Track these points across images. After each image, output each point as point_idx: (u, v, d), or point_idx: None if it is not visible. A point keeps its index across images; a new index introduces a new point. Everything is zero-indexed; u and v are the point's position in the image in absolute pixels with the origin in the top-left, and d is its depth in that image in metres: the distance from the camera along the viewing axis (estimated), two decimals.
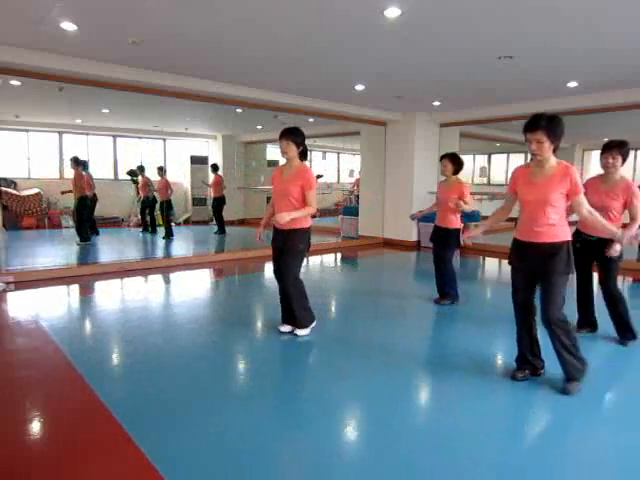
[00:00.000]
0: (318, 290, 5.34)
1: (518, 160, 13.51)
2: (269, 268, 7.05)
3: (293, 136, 3.57)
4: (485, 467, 2.05)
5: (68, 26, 4.22)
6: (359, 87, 6.72)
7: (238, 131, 12.62)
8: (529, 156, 2.85)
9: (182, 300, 4.95)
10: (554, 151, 2.71)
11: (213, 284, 6.08)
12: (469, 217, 9.20)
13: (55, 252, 7.79)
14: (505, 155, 14.48)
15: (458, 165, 4.63)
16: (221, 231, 10.29)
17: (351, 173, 14.46)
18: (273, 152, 13.50)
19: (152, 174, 9.86)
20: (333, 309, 4.85)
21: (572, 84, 6.31)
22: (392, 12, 3.80)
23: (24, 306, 4.62)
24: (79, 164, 8.19)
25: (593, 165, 11.37)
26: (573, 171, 2.68)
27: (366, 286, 6.00)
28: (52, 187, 10.36)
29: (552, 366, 2.89)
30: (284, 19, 4.04)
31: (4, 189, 9.69)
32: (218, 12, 3.89)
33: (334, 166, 15.08)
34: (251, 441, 2.24)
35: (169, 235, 9.42)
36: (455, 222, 4.63)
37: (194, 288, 5.64)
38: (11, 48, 4.82)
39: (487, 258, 8.05)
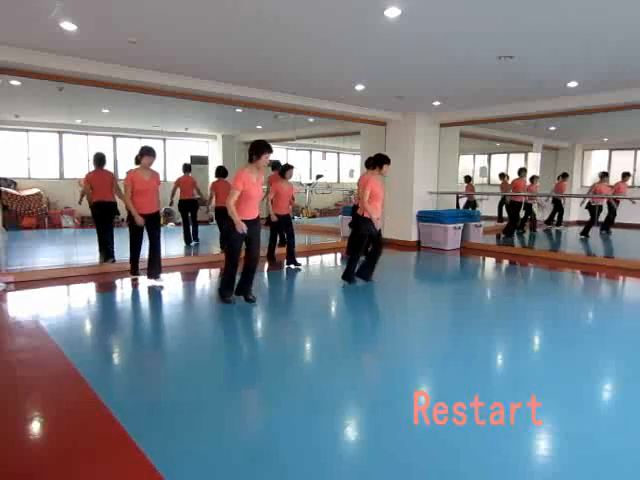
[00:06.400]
0: (315, 290, 5.32)
1: (518, 160, 13.47)
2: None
3: None
4: None
5: (68, 26, 4.22)
6: (359, 87, 6.72)
7: (238, 131, 12.61)
8: (529, 156, 2.87)
9: (182, 300, 4.94)
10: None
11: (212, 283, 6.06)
12: (470, 217, 9.25)
13: (55, 252, 7.78)
14: (505, 155, 14.45)
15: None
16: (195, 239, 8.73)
17: (351, 173, 14.43)
18: (273, 152, 13.44)
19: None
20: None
21: (572, 84, 6.31)
22: (392, 12, 3.80)
23: (24, 306, 4.62)
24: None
25: (593, 165, 11.38)
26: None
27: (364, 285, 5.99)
28: (52, 187, 10.36)
29: None
30: (284, 19, 4.04)
31: (4, 189, 9.66)
32: (218, 12, 3.89)
33: (334, 166, 15.08)
34: (251, 440, 2.24)
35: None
36: None
37: (196, 288, 5.63)
38: (11, 48, 4.82)
39: (487, 258, 8.04)
